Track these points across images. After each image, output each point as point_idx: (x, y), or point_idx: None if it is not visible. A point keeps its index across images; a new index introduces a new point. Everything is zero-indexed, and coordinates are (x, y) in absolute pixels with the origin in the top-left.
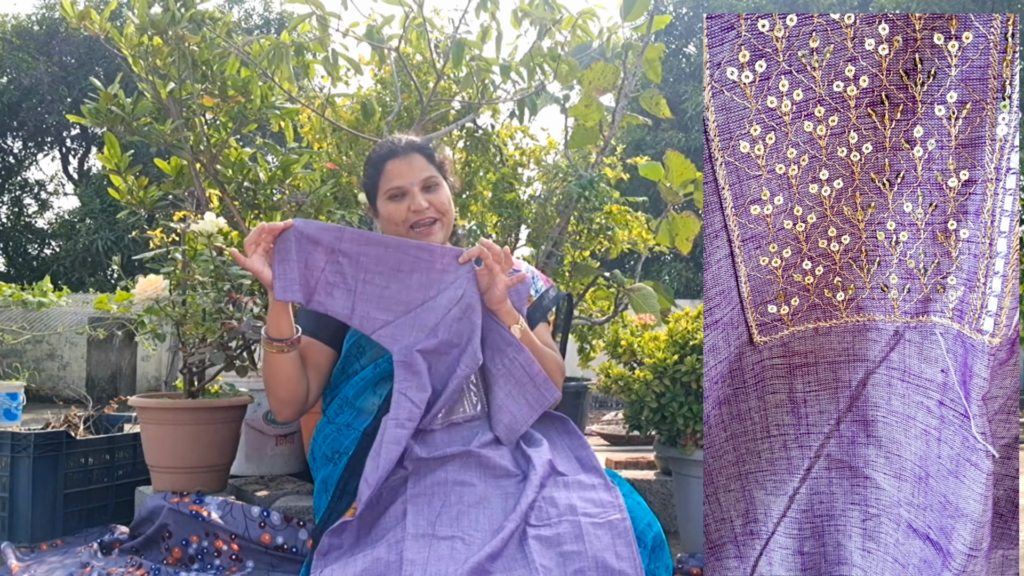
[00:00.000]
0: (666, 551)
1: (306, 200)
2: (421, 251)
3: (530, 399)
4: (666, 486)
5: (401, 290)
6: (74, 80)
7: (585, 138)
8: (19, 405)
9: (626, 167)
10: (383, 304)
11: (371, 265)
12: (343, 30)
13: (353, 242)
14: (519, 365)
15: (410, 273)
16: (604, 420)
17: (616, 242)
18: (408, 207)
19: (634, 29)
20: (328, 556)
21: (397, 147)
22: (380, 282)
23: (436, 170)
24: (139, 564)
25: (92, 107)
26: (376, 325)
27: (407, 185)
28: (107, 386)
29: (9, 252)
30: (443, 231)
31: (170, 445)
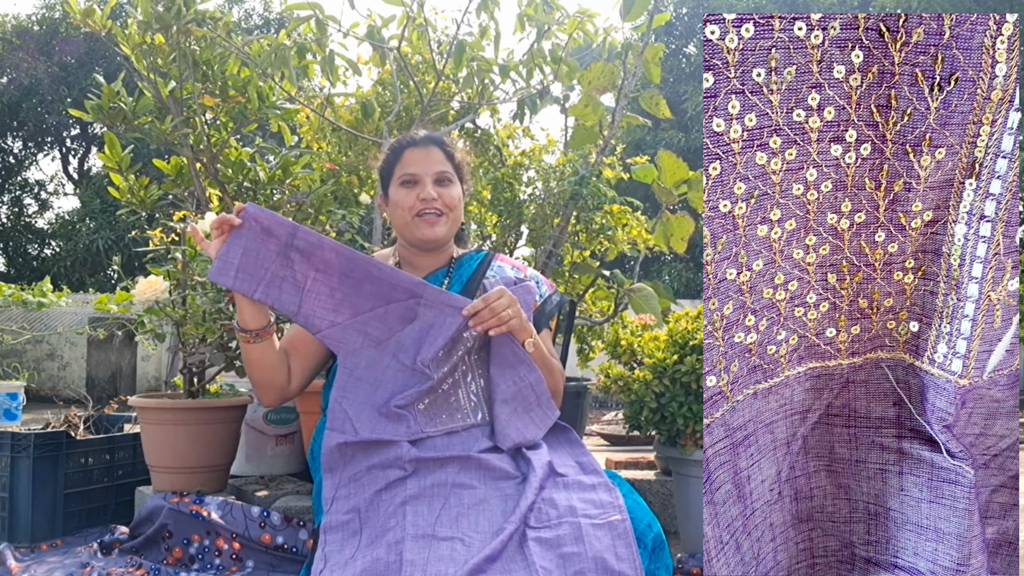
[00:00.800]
0: (666, 551)
1: (306, 200)
2: (372, 266)
3: (536, 419)
4: (666, 486)
5: (351, 294)
6: (74, 80)
7: (585, 138)
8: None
9: (626, 167)
10: (332, 304)
11: (322, 266)
12: (343, 31)
13: (307, 240)
14: (529, 385)
15: (360, 281)
16: (604, 420)
17: (616, 242)
18: (418, 195)
19: (634, 29)
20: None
21: (418, 137)
22: (331, 283)
23: (452, 168)
24: (139, 564)
25: (95, 103)
26: (323, 325)
27: (421, 173)
28: (107, 386)
29: (9, 252)
30: (447, 226)
31: (170, 445)
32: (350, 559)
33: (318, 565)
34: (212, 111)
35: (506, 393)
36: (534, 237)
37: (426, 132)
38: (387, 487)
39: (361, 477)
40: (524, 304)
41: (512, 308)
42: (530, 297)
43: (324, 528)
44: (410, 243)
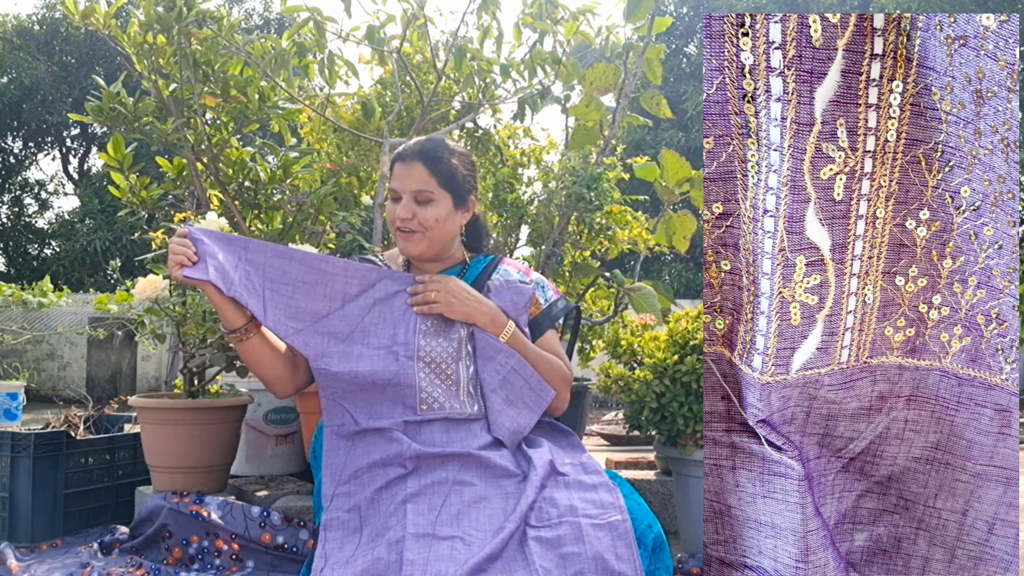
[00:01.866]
0: (666, 552)
1: (306, 200)
2: (325, 263)
3: (528, 402)
4: (666, 486)
5: (307, 300)
6: (75, 80)
7: (586, 138)
8: (19, 405)
9: (626, 167)
10: (291, 313)
11: (277, 276)
12: (343, 33)
13: (259, 252)
14: (511, 368)
15: (314, 285)
16: (604, 420)
17: (616, 242)
18: (396, 211)
19: (635, 30)
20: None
21: (407, 152)
22: (287, 292)
23: (437, 183)
24: (139, 564)
25: (95, 105)
26: (288, 332)
27: (401, 191)
28: (107, 386)
29: (9, 252)
30: (423, 245)
31: (170, 445)
32: (350, 558)
33: (318, 563)
34: (213, 111)
35: (493, 382)
36: (534, 237)
37: (417, 143)
38: (387, 485)
39: (361, 475)
40: (509, 302)
41: (440, 293)
42: (519, 298)
43: (324, 525)
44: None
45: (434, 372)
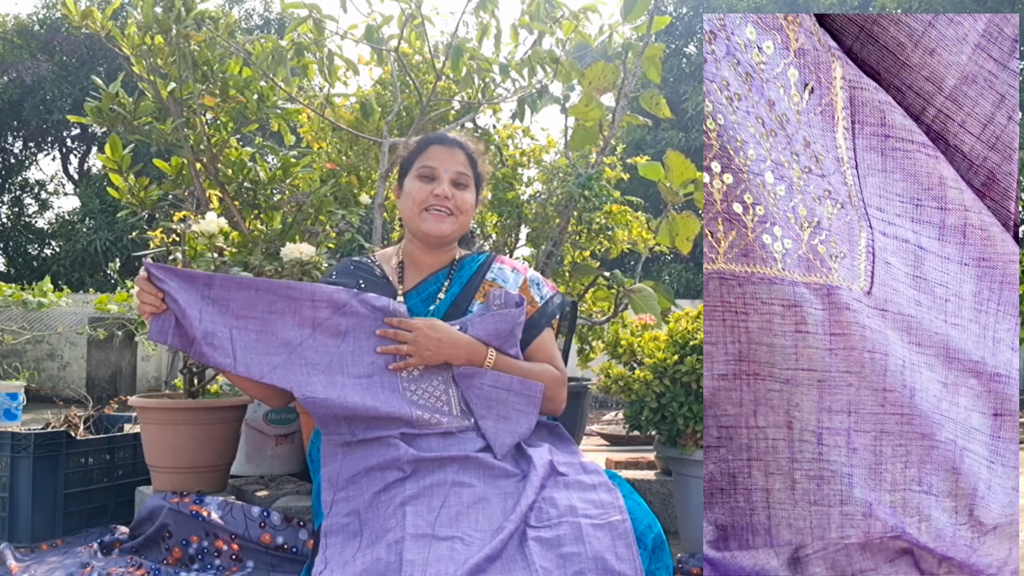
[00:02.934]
0: (666, 552)
1: (306, 200)
2: (291, 290)
3: (520, 407)
4: (666, 486)
5: (278, 330)
6: (75, 80)
7: (585, 138)
8: (19, 405)
9: (626, 167)
10: (262, 348)
11: (243, 311)
12: (341, 32)
13: (223, 288)
14: (488, 386)
15: (282, 315)
16: (604, 420)
17: (616, 242)
18: (432, 190)
19: (634, 29)
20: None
21: (447, 137)
22: (255, 326)
23: (472, 174)
24: (139, 564)
25: (94, 106)
26: (263, 371)
27: (440, 170)
28: (107, 386)
29: (9, 252)
30: (453, 227)
31: (170, 445)
32: (350, 559)
33: (319, 567)
34: (212, 111)
35: (480, 408)
36: (534, 237)
37: (457, 136)
38: (386, 488)
39: (360, 479)
40: (492, 332)
41: (410, 345)
42: (503, 325)
43: (325, 532)
44: (415, 236)
45: (424, 401)
